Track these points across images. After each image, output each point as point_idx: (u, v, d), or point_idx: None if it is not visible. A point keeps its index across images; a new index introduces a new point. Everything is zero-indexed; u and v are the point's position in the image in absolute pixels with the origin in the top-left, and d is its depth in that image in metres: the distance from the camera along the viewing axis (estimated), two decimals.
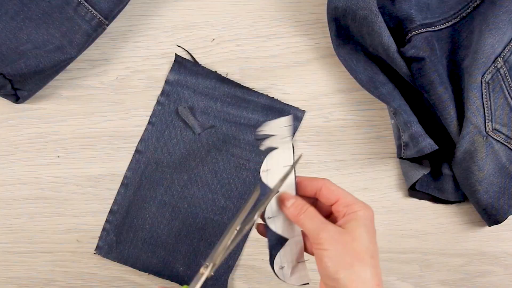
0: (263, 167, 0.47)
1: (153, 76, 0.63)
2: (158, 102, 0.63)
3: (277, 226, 0.46)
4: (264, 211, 0.46)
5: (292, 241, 0.46)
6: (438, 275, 0.65)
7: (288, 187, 0.47)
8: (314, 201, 0.48)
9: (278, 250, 0.46)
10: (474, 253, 0.65)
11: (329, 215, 0.47)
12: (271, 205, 0.46)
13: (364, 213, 0.44)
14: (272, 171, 0.47)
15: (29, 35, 0.56)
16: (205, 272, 0.43)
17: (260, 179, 0.47)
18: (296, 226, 0.47)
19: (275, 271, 0.46)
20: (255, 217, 0.45)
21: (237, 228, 0.44)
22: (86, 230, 0.62)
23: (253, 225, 0.45)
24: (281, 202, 0.46)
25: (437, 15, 0.61)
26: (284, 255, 0.46)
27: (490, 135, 0.59)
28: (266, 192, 0.46)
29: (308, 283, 0.47)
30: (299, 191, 0.47)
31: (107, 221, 0.62)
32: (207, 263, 0.43)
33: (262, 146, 0.47)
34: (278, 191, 0.46)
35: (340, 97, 0.65)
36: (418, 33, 0.58)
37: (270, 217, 0.47)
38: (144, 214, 0.62)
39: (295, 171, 0.47)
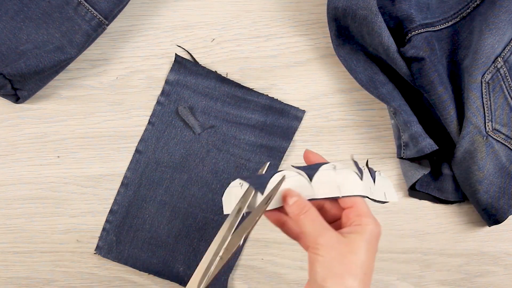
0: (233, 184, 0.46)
1: (153, 76, 0.63)
2: (158, 102, 0.63)
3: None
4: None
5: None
6: (438, 275, 0.65)
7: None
8: (321, 204, 0.47)
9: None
10: (474, 253, 0.65)
11: (336, 220, 0.46)
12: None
13: (372, 229, 0.43)
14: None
15: (29, 35, 0.56)
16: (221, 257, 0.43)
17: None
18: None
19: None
20: (241, 241, 0.43)
21: (220, 255, 0.43)
22: (86, 230, 0.62)
23: (238, 246, 0.44)
24: (283, 198, 0.45)
25: (437, 15, 0.61)
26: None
27: (490, 135, 0.59)
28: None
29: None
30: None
31: (107, 221, 0.62)
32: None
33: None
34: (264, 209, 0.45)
35: (340, 97, 0.65)
36: (418, 33, 0.58)
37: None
38: (144, 214, 0.62)
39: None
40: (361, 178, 0.45)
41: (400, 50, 0.58)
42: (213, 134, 0.63)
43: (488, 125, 0.59)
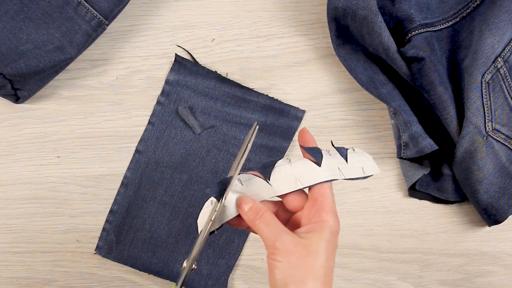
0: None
1: (153, 76, 0.63)
2: (158, 102, 0.63)
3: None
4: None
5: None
6: (438, 275, 0.65)
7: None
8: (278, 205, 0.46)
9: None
10: (474, 253, 0.65)
11: (298, 211, 0.45)
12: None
13: (331, 225, 0.42)
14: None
15: (29, 35, 0.56)
16: (186, 265, 0.43)
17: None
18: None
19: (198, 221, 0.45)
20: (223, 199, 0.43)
21: (212, 219, 0.43)
22: (86, 230, 0.62)
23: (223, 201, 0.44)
24: (238, 206, 0.44)
25: (437, 15, 0.61)
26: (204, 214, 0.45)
27: (490, 135, 0.59)
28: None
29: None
30: None
31: (107, 221, 0.62)
32: (187, 258, 0.43)
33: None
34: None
35: (340, 97, 0.65)
36: (418, 33, 0.59)
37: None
38: (144, 214, 0.62)
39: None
40: (320, 164, 0.44)
41: (400, 50, 0.58)
42: (213, 134, 0.63)
43: (488, 125, 0.59)
